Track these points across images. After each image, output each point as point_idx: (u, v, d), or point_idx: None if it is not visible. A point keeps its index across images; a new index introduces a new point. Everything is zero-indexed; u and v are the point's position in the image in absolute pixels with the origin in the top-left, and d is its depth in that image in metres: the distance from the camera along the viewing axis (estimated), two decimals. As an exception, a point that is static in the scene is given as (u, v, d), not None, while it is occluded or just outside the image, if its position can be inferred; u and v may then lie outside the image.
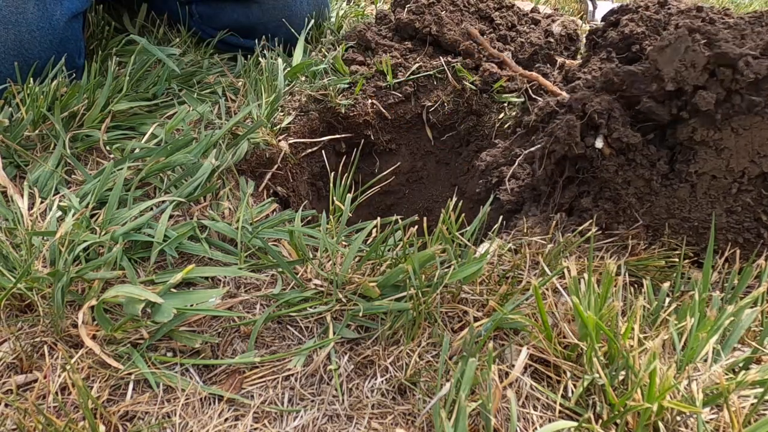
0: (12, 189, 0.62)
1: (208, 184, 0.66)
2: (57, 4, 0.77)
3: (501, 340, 0.52)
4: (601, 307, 0.49)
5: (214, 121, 0.80)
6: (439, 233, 0.55)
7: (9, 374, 0.48)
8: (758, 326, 0.54)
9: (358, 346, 0.52)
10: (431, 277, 0.54)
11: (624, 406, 0.44)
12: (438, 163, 1.02)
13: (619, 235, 0.64)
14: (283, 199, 0.85)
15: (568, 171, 0.68)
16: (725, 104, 0.57)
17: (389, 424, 0.46)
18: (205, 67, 0.94)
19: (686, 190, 0.61)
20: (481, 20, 0.98)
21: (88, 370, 0.48)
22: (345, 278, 0.54)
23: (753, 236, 0.61)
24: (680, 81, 0.58)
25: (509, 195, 0.74)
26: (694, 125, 0.59)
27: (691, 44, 0.56)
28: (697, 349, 0.47)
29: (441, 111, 0.96)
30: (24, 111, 0.70)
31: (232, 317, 0.53)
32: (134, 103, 0.78)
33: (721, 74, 0.56)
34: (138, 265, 0.57)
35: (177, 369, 0.49)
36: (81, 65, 0.82)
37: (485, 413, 0.44)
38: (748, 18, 0.64)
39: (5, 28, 0.74)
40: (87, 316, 0.50)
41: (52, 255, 0.55)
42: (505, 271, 0.58)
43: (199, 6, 0.98)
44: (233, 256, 0.59)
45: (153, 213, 0.60)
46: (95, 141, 0.72)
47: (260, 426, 0.46)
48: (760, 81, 0.55)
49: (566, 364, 0.48)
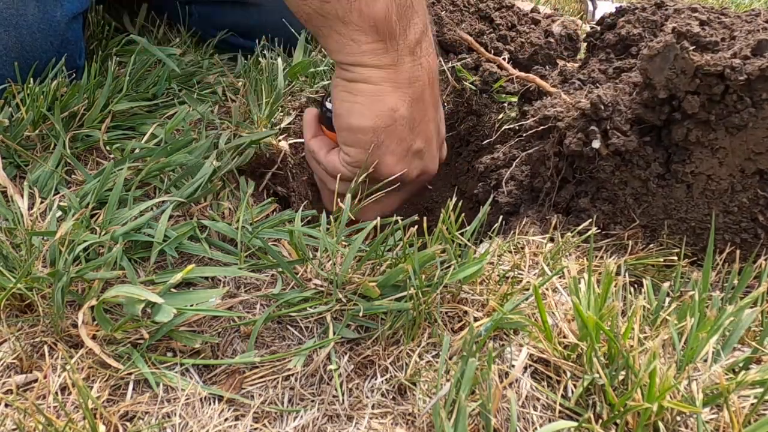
0: (12, 189, 0.62)
1: (209, 185, 0.66)
2: (57, 5, 0.77)
3: (501, 340, 0.53)
4: (601, 307, 0.49)
5: (214, 122, 0.80)
6: (439, 233, 0.55)
7: (9, 374, 0.48)
8: (758, 326, 0.54)
9: (358, 346, 0.52)
10: (431, 277, 0.54)
11: (624, 406, 0.44)
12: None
13: (617, 235, 0.64)
14: (283, 199, 0.85)
15: (565, 171, 0.68)
16: (719, 105, 0.57)
17: (389, 424, 0.46)
18: (205, 67, 0.94)
19: (682, 190, 0.61)
20: (481, 20, 0.98)
21: (88, 370, 0.48)
22: (345, 278, 0.54)
23: (750, 236, 0.61)
24: (672, 88, 0.58)
25: (507, 197, 0.75)
26: (688, 126, 0.59)
27: (679, 52, 0.56)
28: (697, 349, 0.47)
29: (441, 111, 0.96)
30: (24, 111, 0.70)
31: (232, 317, 0.53)
32: (134, 103, 0.78)
33: (709, 81, 0.56)
34: (138, 265, 0.57)
35: (177, 369, 0.49)
36: (81, 65, 0.82)
37: (485, 413, 0.44)
38: (745, 17, 0.64)
39: (6, 30, 0.74)
40: (87, 316, 0.50)
41: (52, 255, 0.55)
42: (505, 271, 0.58)
43: (199, 6, 0.98)
44: (233, 256, 0.59)
45: (153, 213, 0.60)
46: (95, 141, 0.72)
47: (260, 426, 0.46)
48: (752, 81, 0.55)
49: (566, 364, 0.49)
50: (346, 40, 0.59)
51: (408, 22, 0.59)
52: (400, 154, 0.63)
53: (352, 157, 0.64)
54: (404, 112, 0.61)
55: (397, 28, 0.58)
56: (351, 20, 0.57)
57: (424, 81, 0.63)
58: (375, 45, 0.59)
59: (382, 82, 0.60)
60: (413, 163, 0.65)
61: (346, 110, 0.62)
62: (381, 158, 0.63)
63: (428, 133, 0.66)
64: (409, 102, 0.62)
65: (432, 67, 0.64)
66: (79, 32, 0.81)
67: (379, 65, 0.60)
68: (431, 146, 0.67)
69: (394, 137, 0.62)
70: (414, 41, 0.60)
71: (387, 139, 0.62)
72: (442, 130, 0.70)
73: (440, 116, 0.69)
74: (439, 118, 0.69)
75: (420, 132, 0.64)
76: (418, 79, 0.62)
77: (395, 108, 0.61)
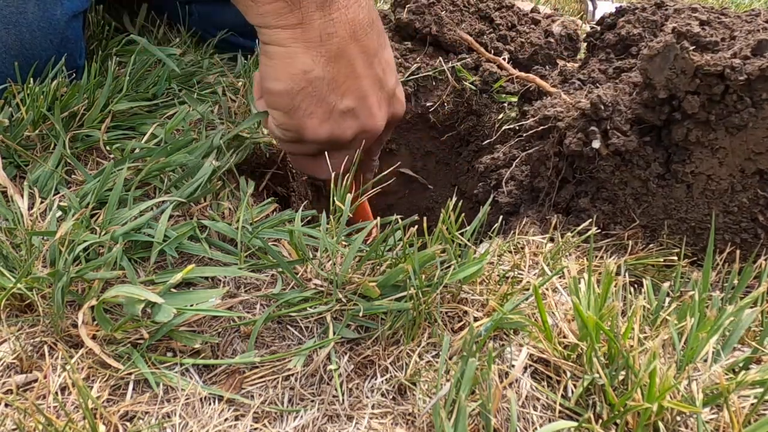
0: (12, 189, 0.62)
1: (209, 185, 0.66)
2: (57, 4, 0.77)
3: (501, 340, 0.53)
4: (601, 307, 0.49)
5: (214, 121, 0.80)
6: (439, 233, 0.55)
7: (9, 374, 0.48)
8: (758, 326, 0.54)
9: (358, 346, 0.52)
10: (431, 277, 0.54)
11: (624, 406, 0.44)
12: (438, 163, 1.02)
13: (617, 235, 0.64)
14: (283, 199, 0.85)
15: (565, 171, 0.68)
16: (719, 105, 0.57)
17: (389, 424, 0.46)
18: (205, 67, 0.94)
19: (682, 190, 0.61)
20: (481, 20, 0.98)
21: (88, 370, 0.48)
22: (345, 278, 0.54)
23: (750, 236, 0.61)
24: (672, 88, 0.58)
25: (507, 197, 0.75)
26: (688, 126, 0.59)
27: (679, 52, 0.56)
28: (697, 349, 0.47)
29: (441, 111, 0.96)
30: (24, 111, 0.70)
31: (232, 317, 0.53)
32: (134, 103, 0.78)
33: (709, 81, 0.56)
34: (138, 265, 0.57)
35: (177, 369, 0.49)
36: (81, 65, 0.82)
37: (485, 413, 0.44)
38: (745, 17, 0.64)
39: (5, 29, 0.74)
40: (87, 316, 0.50)
41: (52, 255, 0.55)
42: (505, 271, 0.58)
43: (199, 6, 0.98)
44: (233, 256, 0.59)
45: (153, 213, 0.60)
46: (95, 141, 0.72)
47: (260, 426, 0.46)
48: (752, 81, 0.55)
49: (566, 364, 0.49)
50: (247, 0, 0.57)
51: None
52: (322, 116, 0.61)
53: (277, 120, 0.63)
54: (319, 72, 0.59)
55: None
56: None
57: (343, 36, 0.59)
58: (276, 4, 0.56)
59: (291, 43, 0.58)
60: (344, 123, 0.62)
61: (263, 73, 0.61)
62: (301, 121, 0.61)
63: (360, 90, 0.62)
64: (325, 61, 0.58)
65: (354, 19, 0.59)
66: (79, 31, 0.81)
67: (284, 26, 0.57)
68: (366, 102, 0.62)
69: (313, 99, 0.60)
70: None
71: (304, 102, 0.60)
72: (388, 83, 0.65)
73: (383, 69, 0.64)
74: (381, 71, 0.64)
75: (347, 90, 0.61)
76: (334, 36, 0.58)
77: (308, 69, 0.58)
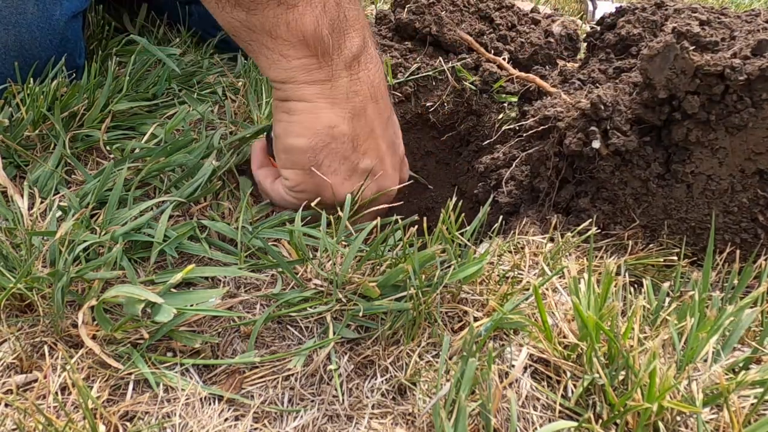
0: (12, 189, 0.62)
1: (209, 185, 0.66)
2: (57, 4, 0.77)
3: (501, 340, 0.53)
4: (601, 307, 0.49)
5: (214, 122, 0.80)
6: (439, 233, 0.55)
7: (9, 374, 0.48)
8: (758, 326, 0.54)
9: (358, 346, 0.52)
10: (431, 277, 0.54)
11: (624, 406, 0.44)
12: (438, 163, 1.02)
13: (617, 235, 0.64)
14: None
15: (565, 171, 0.68)
16: (719, 105, 0.57)
17: (389, 424, 0.46)
18: (205, 67, 0.94)
19: (682, 190, 0.61)
20: (481, 20, 0.98)
21: (88, 370, 0.48)
22: (345, 278, 0.54)
23: (750, 236, 0.61)
24: (672, 88, 0.58)
25: (507, 197, 0.75)
26: (688, 126, 0.59)
27: (679, 52, 0.56)
28: (697, 349, 0.47)
29: (441, 111, 0.96)
30: (24, 111, 0.70)
31: (232, 317, 0.53)
32: (134, 103, 0.78)
33: (709, 81, 0.56)
34: (138, 265, 0.57)
35: (177, 369, 0.49)
36: (81, 65, 0.82)
37: (485, 413, 0.44)
38: (745, 17, 0.64)
39: (5, 29, 0.74)
40: (87, 316, 0.50)
41: (52, 255, 0.55)
42: (505, 271, 0.58)
43: (199, 6, 0.98)
44: (233, 256, 0.59)
45: (153, 213, 0.60)
46: (95, 141, 0.72)
47: (260, 426, 0.46)
48: (752, 81, 0.55)
49: (566, 364, 0.49)
50: (276, 55, 0.56)
51: (342, 35, 0.56)
52: (345, 173, 0.59)
53: (291, 181, 0.60)
54: (345, 128, 0.57)
55: (330, 41, 0.55)
56: (279, 34, 0.54)
57: (365, 95, 0.58)
58: (306, 60, 0.56)
59: (318, 98, 0.57)
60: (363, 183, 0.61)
61: (282, 131, 0.58)
62: (323, 180, 0.58)
63: (379, 151, 0.61)
64: (350, 118, 0.57)
65: (373, 81, 0.59)
66: (78, 31, 0.81)
67: (312, 81, 0.56)
68: (384, 164, 0.62)
69: (336, 156, 0.58)
70: (350, 56, 0.57)
71: (327, 159, 0.58)
72: (399, 146, 0.65)
73: (394, 132, 0.64)
74: (393, 134, 0.64)
75: (368, 149, 0.60)
76: (358, 94, 0.58)
77: (333, 124, 0.57)
